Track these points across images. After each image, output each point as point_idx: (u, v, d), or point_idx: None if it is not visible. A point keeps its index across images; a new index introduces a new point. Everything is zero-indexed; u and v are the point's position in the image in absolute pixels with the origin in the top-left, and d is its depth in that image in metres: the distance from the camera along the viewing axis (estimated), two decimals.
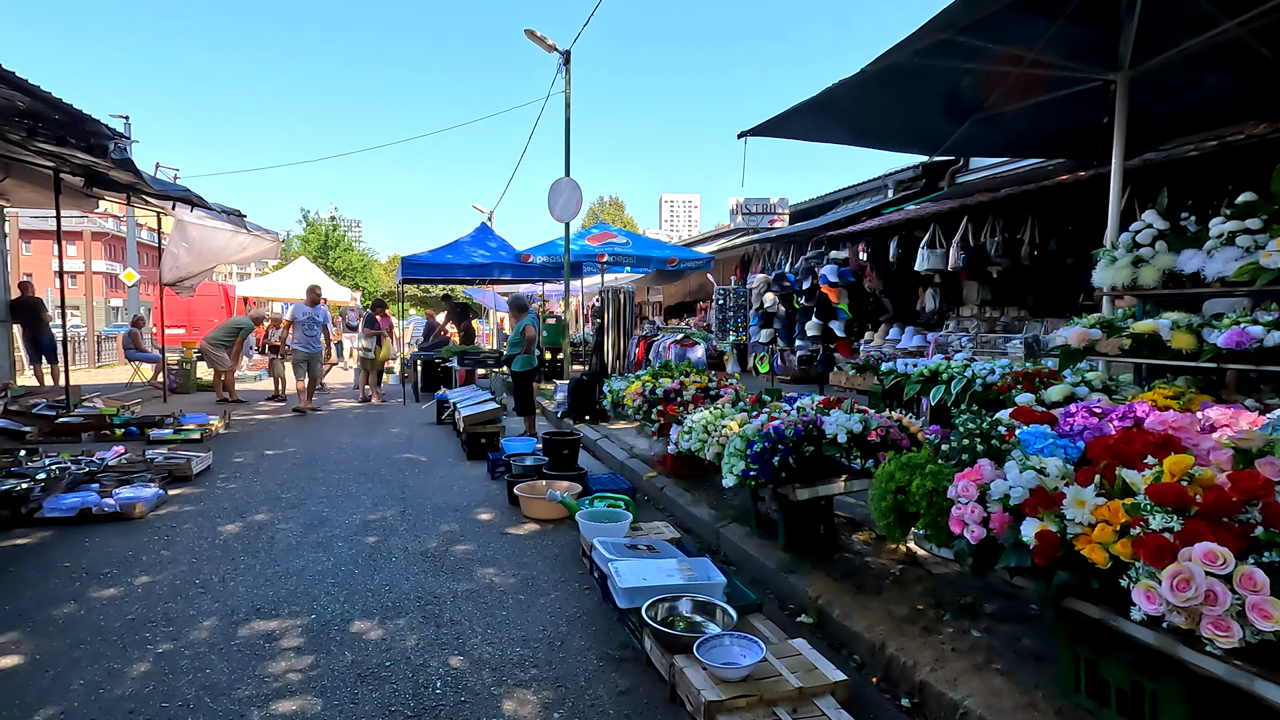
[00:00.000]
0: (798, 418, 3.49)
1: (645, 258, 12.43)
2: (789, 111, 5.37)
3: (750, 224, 15.14)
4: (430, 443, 7.78)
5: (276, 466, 6.44)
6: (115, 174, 6.91)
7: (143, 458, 5.84)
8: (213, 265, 11.45)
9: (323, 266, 41.97)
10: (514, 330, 7.83)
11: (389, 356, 12.21)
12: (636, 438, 7.51)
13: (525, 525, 4.69)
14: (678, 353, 7.73)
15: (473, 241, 12.61)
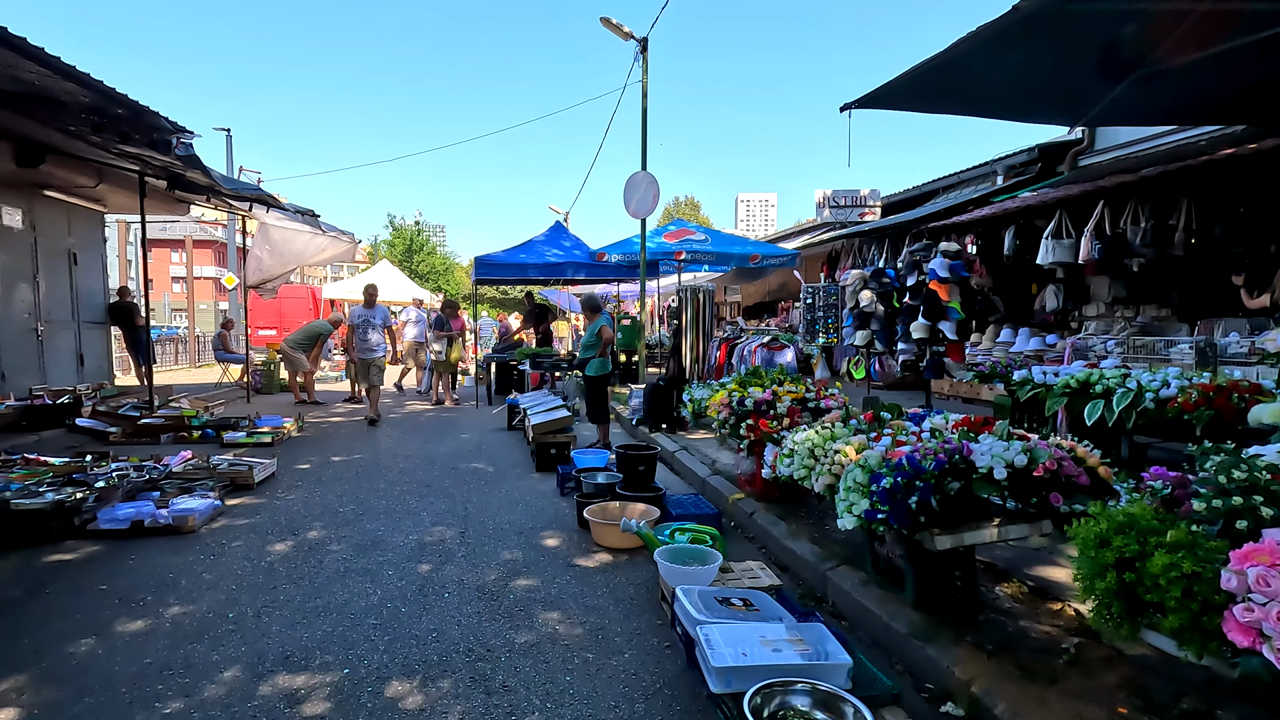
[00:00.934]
0: (936, 445, 2.74)
1: (725, 255, 11.72)
2: (900, 78, 4.58)
3: (838, 218, 14.15)
4: (499, 451, 7.36)
5: (340, 475, 6.14)
6: (191, 175, 6.83)
7: (207, 465, 5.65)
8: (293, 267, 11.55)
9: (407, 270, 43.31)
10: (588, 331, 7.31)
11: (461, 358, 11.99)
12: (719, 450, 6.83)
13: (596, 555, 4.11)
14: (764, 356, 7.02)
15: (546, 240, 12.24)
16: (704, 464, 6.20)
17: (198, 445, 7.42)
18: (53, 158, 7.68)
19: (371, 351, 9.25)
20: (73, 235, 9.96)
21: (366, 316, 9.32)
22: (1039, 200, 8.29)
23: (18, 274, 8.86)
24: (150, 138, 4.88)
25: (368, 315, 9.34)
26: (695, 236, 12.41)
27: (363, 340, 9.25)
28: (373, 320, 9.31)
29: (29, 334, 9.05)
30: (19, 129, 6.44)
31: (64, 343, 9.76)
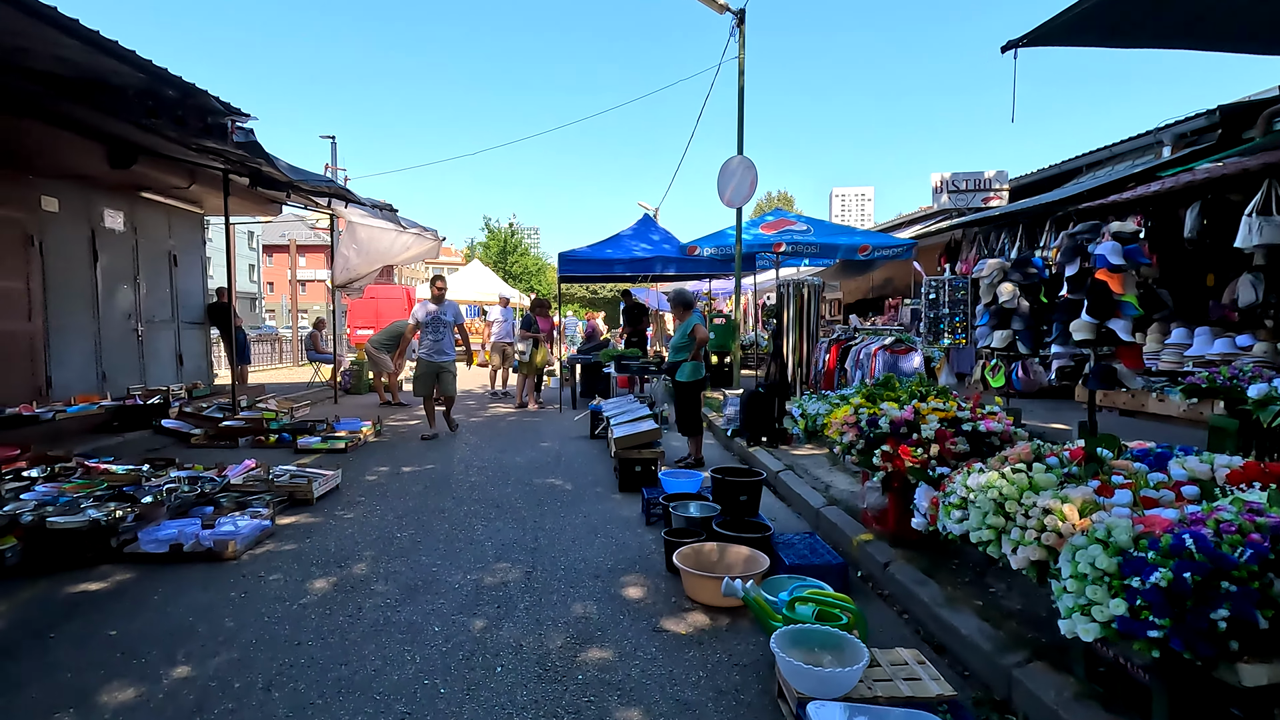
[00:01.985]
0: (1237, 515, 1.71)
1: (830, 246, 10.56)
2: (1080, 5, 3.47)
3: (958, 204, 12.62)
4: (579, 464, 6.65)
5: (405, 490, 5.60)
6: (255, 163, 6.52)
7: (266, 477, 5.23)
8: (379, 266, 11.38)
9: (501, 271, 44.13)
10: (677, 331, 6.47)
11: (547, 361, 11.44)
12: (831, 471, 5.82)
13: (689, 614, 3.26)
14: (886, 361, 5.94)
15: (634, 235, 11.50)
16: (815, 489, 5.22)
17: (273, 450, 7.15)
18: (144, 159, 7.66)
19: (442, 355, 7.85)
20: (173, 237, 10.12)
21: (436, 314, 7.85)
22: (1238, 168, 6.71)
23: (120, 276, 9.00)
24: (204, 121, 4.49)
25: (437, 313, 7.86)
26: (796, 227, 11.31)
27: (432, 340, 7.81)
28: (443, 318, 7.88)
29: (129, 335, 9.19)
30: (94, 123, 6.32)
31: (164, 343, 9.92)
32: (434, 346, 7.82)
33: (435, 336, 7.80)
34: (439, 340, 7.82)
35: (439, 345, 7.83)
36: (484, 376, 13.62)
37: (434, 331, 7.80)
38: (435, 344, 7.81)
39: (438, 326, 7.82)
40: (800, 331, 8.58)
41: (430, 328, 7.83)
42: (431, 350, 7.83)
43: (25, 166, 7.43)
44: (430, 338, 7.82)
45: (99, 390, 8.38)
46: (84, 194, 8.34)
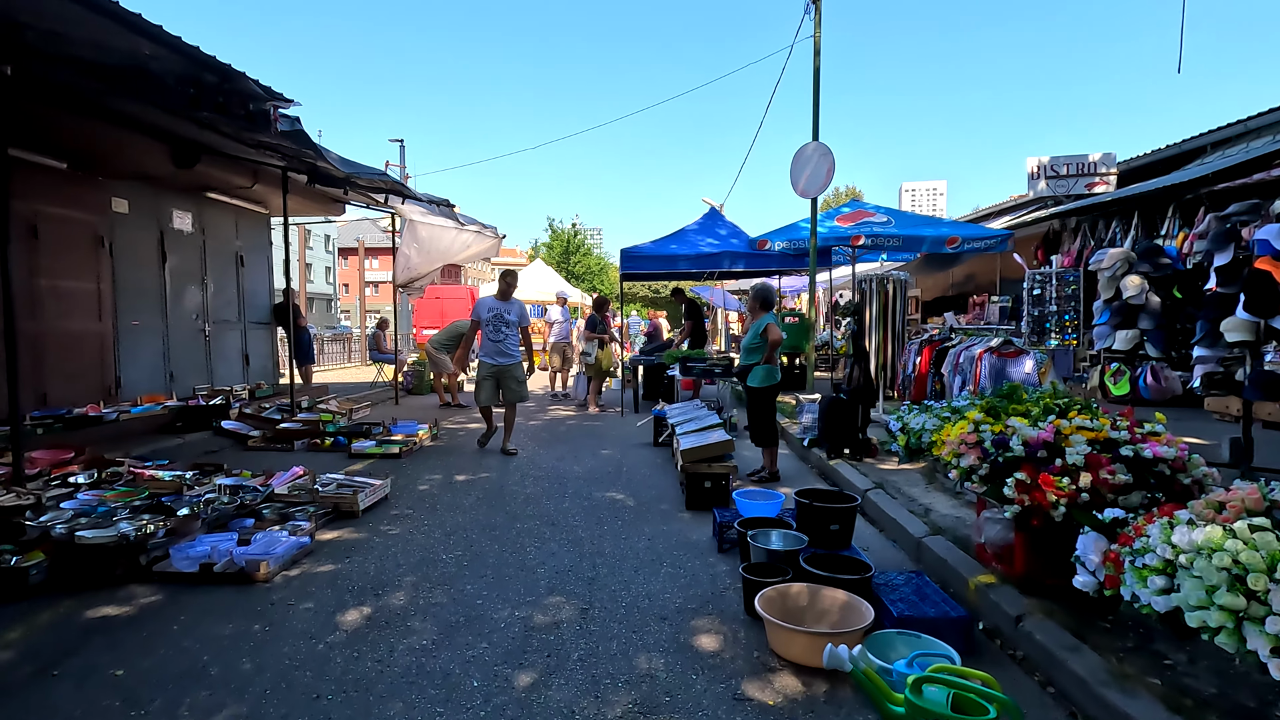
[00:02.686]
0: None
1: (914, 239, 9.69)
2: None
3: (1058, 191, 11.47)
4: (642, 475, 6.13)
5: (457, 502, 5.21)
6: (322, 165, 6.29)
7: (312, 486, 4.93)
8: (439, 265, 11.20)
9: (564, 271, 44.25)
10: (750, 331, 5.87)
11: (612, 363, 11.00)
12: (929, 490, 5.11)
13: (776, 677, 2.68)
14: (993, 366, 5.16)
15: (700, 229, 10.92)
16: (913, 513, 4.53)
17: (327, 454, 6.94)
18: (207, 159, 7.61)
19: (507, 357, 7.01)
20: (240, 238, 10.18)
21: (499, 311, 6.96)
22: None
23: (188, 276, 9.07)
24: (246, 108, 4.21)
25: (500, 310, 6.97)
26: (875, 219, 10.47)
27: (494, 341, 6.96)
28: (507, 316, 7.00)
29: (197, 335, 9.25)
30: (152, 120, 6.22)
31: (230, 343, 9.98)
32: (496, 348, 6.98)
33: (497, 337, 6.96)
34: (501, 340, 6.96)
35: (501, 346, 6.97)
36: (543, 377, 13.33)
37: (496, 331, 6.96)
38: (497, 345, 6.97)
39: (500, 325, 6.95)
40: (885, 330, 7.82)
41: (492, 326, 6.96)
42: (493, 351, 6.99)
43: (96, 168, 7.49)
44: (491, 338, 6.97)
45: (166, 390, 8.43)
46: (153, 195, 8.40)
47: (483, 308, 7.00)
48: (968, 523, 4.35)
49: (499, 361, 7.01)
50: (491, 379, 7.07)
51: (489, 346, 6.99)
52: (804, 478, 6.07)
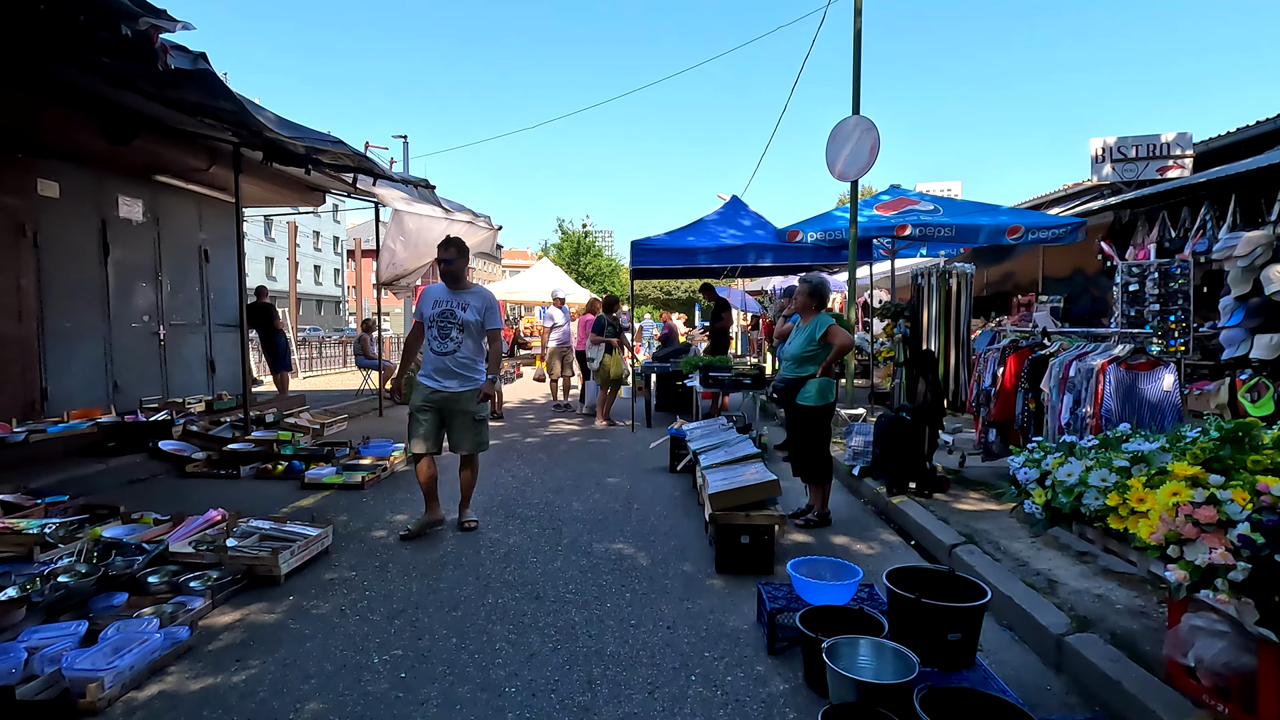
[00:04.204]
0: None
1: (969, 228, 8.42)
2: None
3: (1125, 176, 10.15)
4: (657, 514, 4.90)
5: (416, 560, 4.00)
6: (280, 135, 5.11)
7: (221, 543, 3.73)
8: (428, 261, 10.03)
9: (574, 272, 43.16)
10: (798, 335, 4.61)
11: (623, 370, 9.78)
12: (1035, 545, 3.85)
13: None
14: (1121, 381, 3.89)
15: (721, 219, 9.67)
16: (1034, 588, 3.26)
17: (276, 484, 5.77)
18: (149, 135, 6.49)
19: (457, 379, 4.33)
20: (204, 230, 9.06)
21: (450, 305, 4.35)
22: None
23: (137, 272, 7.95)
24: (117, 31, 3.05)
25: (452, 303, 4.35)
26: (920, 206, 9.20)
27: (439, 352, 4.33)
28: (462, 314, 4.33)
29: (149, 339, 8.13)
30: (69, 80, 5.08)
31: (191, 348, 8.85)
32: (441, 363, 4.29)
33: (443, 346, 4.28)
34: (451, 352, 4.28)
35: (450, 361, 4.28)
36: (542, 383, 12.12)
37: (443, 336, 4.29)
38: (443, 358, 4.29)
39: (449, 328, 4.30)
40: (949, 333, 6.54)
41: (438, 329, 4.31)
42: (437, 368, 4.30)
43: (12, 144, 6.37)
44: (436, 348, 4.30)
45: (107, 403, 7.30)
46: (92, 179, 7.28)
47: (427, 300, 4.41)
48: (1117, 605, 3.10)
49: (443, 386, 4.30)
50: (431, 414, 4.32)
51: (431, 360, 4.34)
52: (860, 521, 4.82)
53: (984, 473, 5.62)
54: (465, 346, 4.35)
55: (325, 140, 5.10)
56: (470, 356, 4.37)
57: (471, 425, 4.42)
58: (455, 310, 4.33)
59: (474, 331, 4.39)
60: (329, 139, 5.12)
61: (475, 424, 4.43)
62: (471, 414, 4.39)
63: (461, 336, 4.34)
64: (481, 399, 4.39)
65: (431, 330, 4.35)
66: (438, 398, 4.35)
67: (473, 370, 4.39)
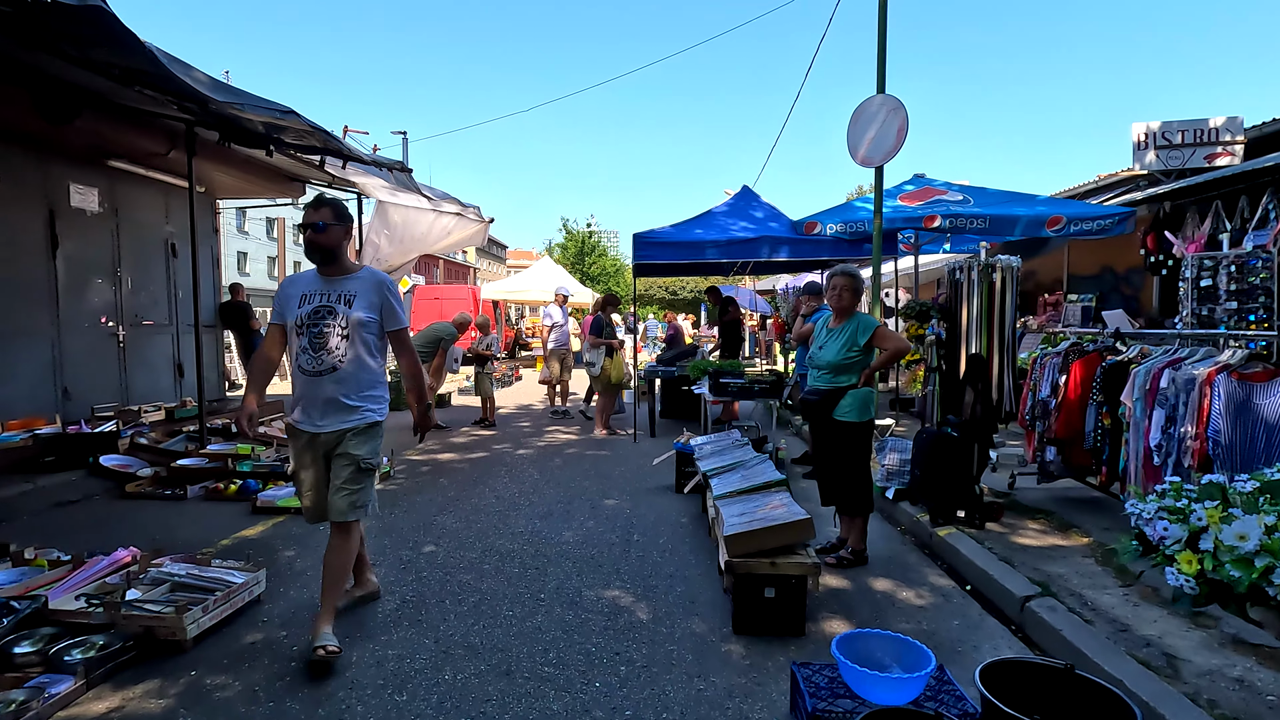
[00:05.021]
0: None
1: (1004, 220, 7.67)
2: None
3: (1171, 164, 9.37)
4: (660, 549, 4.15)
5: (362, 616, 3.27)
6: (215, 99, 4.38)
7: (114, 599, 3.01)
8: (414, 255, 9.30)
9: (578, 272, 42.48)
10: (836, 336, 3.84)
11: (624, 376, 9.04)
12: (1131, 598, 3.09)
13: None
14: (1232, 396, 3.15)
15: (731, 211, 8.93)
16: (1149, 667, 2.51)
17: (227, 505, 5.06)
18: (95, 114, 5.79)
19: (340, 412, 2.91)
20: (171, 222, 8.37)
21: (325, 300, 2.93)
22: None
23: (92, 267, 7.25)
24: None
25: (328, 295, 2.95)
26: (948, 196, 8.43)
27: (310, 371, 2.89)
28: (347, 310, 2.91)
29: (106, 340, 7.44)
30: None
31: (156, 350, 8.16)
32: (316, 388, 2.90)
33: (317, 363, 2.88)
34: (329, 371, 2.88)
35: (327, 384, 2.89)
36: (539, 384, 11.37)
37: (315, 344, 2.89)
38: (319, 380, 2.89)
39: (325, 332, 2.90)
40: (993, 334, 5.77)
41: (309, 336, 2.91)
42: (310, 395, 2.92)
43: None
44: (306, 364, 2.90)
45: (55, 411, 6.60)
46: (35, 164, 6.58)
47: (289, 294, 3.01)
48: (1269, 696, 2.34)
49: (321, 426, 2.91)
50: (315, 469, 2.98)
51: (301, 386, 2.93)
52: (901, 558, 4.06)
53: (1040, 497, 4.86)
54: (353, 360, 2.89)
55: (275, 110, 4.40)
56: (362, 375, 2.92)
57: (354, 475, 2.90)
58: (335, 305, 2.90)
59: (367, 336, 2.92)
60: (278, 108, 4.41)
61: (355, 475, 2.91)
62: (355, 459, 2.90)
63: (346, 346, 2.88)
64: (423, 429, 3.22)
65: (300, 339, 2.90)
66: (317, 444, 2.93)
67: (367, 397, 2.95)
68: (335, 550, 2.96)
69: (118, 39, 3.33)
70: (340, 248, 2.99)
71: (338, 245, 2.97)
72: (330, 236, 2.94)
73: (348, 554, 2.99)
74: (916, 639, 2.34)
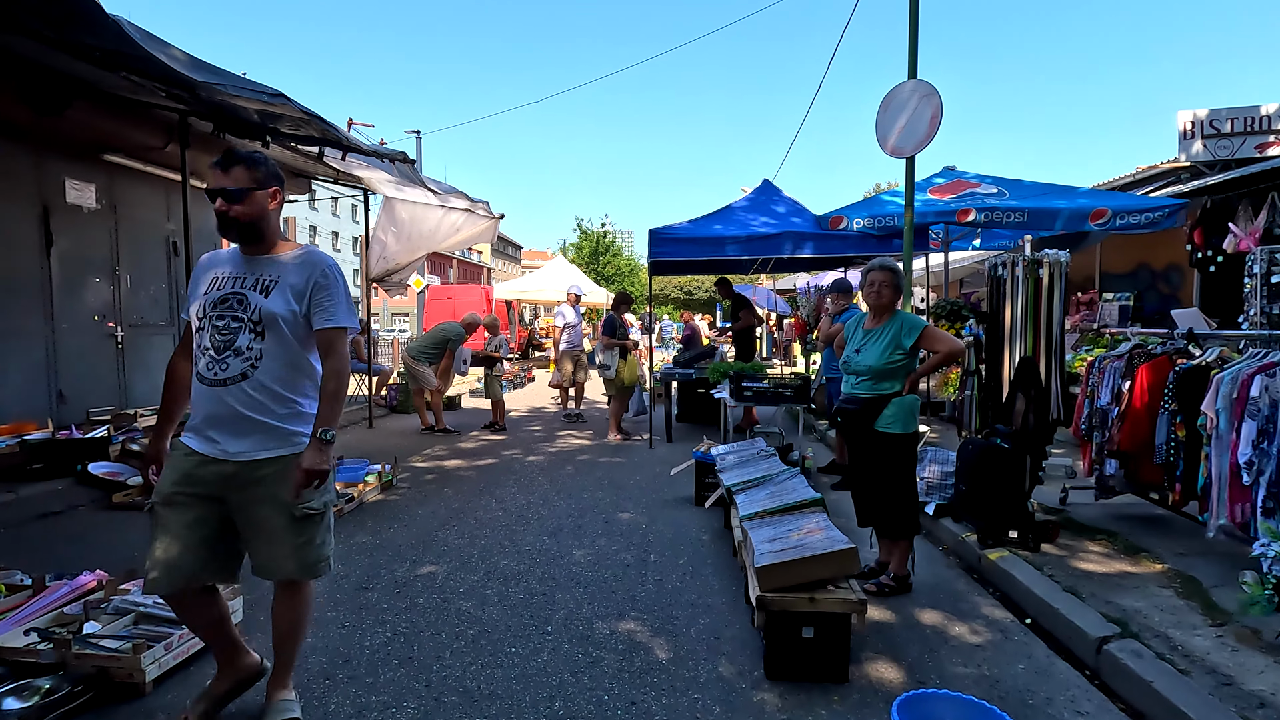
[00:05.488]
0: None
1: (1044, 213, 7.21)
2: None
3: (1218, 153, 8.85)
4: (680, 574, 3.78)
5: (350, 649, 2.93)
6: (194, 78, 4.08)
7: (70, 634, 2.70)
8: (422, 254, 9.03)
9: (593, 272, 42.21)
10: (877, 338, 3.44)
11: (638, 376, 8.69)
12: (1226, 638, 2.65)
13: None
14: None
15: (751, 206, 8.53)
16: None
17: None
18: (86, 105, 5.52)
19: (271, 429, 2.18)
20: (173, 219, 8.11)
21: (237, 285, 2.20)
22: None
23: (89, 265, 7.01)
24: None
25: (240, 279, 2.22)
26: (982, 189, 7.99)
27: (212, 379, 2.14)
28: (255, 299, 2.18)
29: (104, 341, 7.19)
30: None
31: (156, 352, 7.90)
32: (217, 401, 2.15)
33: (222, 365, 2.15)
34: (237, 377, 2.15)
35: (234, 396, 2.14)
36: (547, 386, 11.01)
37: (220, 345, 2.16)
38: (223, 390, 2.15)
39: (236, 328, 2.16)
40: (1036, 337, 5.34)
41: (211, 331, 2.18)
42: (210, 414, 2.18)
43: None
44: (209, 370, 2.17)
45: (47, 415, 6.35)
46: (29, 158, 6.33)
47: (198, 278, 2.30)
48: None
49: (223, 450, 2.16)
50: (196, 506, 2.17)
51: (200, 397, 2.18)
52: (948, 585, 3.66)
53: (1097, 514, 4.43)
54: (272, 365, 2.17)
55: (263, 93, 4.08)
56: (287, 386, 2.21)
57: (291, 526, 2.19)
58: (246, 293, 2.17)
59: (290, 334, 2.19)
60: (267, 91, 4.10)
61: (298, 524, 2.20)
62: (289, 506, 2.17)
63: (260, 345, 2.15)
64: (301, 483, 2.11)
65: (202, 335, 2.17)
66: (211, 473, 2.14)
67: (297, 416, 2.22)
68: (287, 605, 2.30)
69: (81, 11, 3.02)
70: (264, 220, 2.22)
71: (260, 216, 2.20)
72: (250, 206, 2.17)
73: (302, 606, 2.33)
74: (979, 687, 1.96)
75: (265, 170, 2.24)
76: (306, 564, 2.26)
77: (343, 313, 2.25)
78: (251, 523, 2.21)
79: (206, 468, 2.16)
